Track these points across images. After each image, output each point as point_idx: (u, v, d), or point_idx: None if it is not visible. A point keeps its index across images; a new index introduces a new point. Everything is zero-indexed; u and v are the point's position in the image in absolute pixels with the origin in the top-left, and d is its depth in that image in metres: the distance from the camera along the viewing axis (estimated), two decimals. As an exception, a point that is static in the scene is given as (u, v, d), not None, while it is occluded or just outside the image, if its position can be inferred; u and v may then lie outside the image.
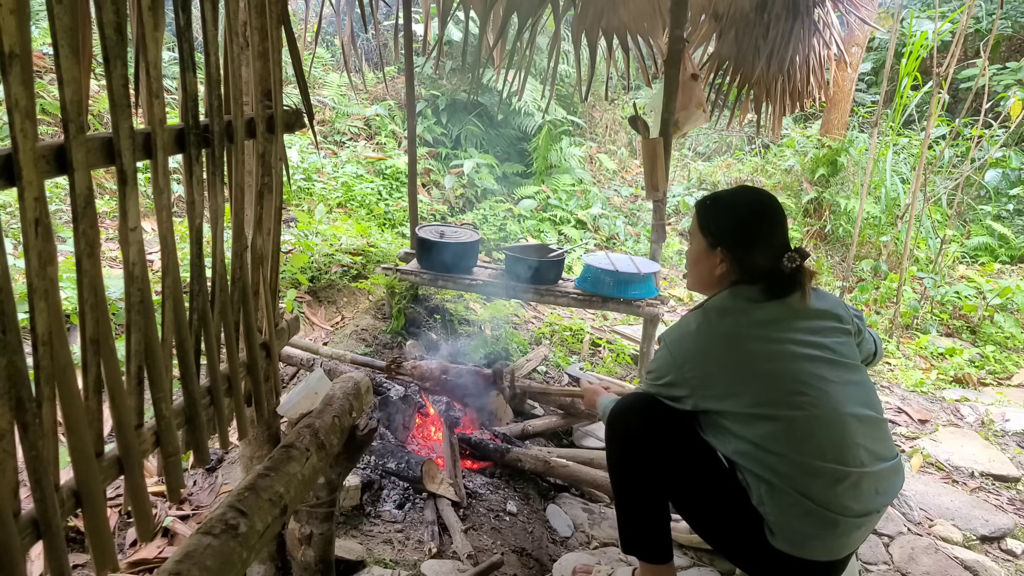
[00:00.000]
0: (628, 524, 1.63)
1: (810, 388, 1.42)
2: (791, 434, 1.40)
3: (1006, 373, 4.27)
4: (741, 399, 1.44)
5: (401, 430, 2.46)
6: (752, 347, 1.46)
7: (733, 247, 1.54)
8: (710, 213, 1.59)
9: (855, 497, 1.40)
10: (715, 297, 1.56)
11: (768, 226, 1.54)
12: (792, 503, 1.39)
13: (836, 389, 1.43)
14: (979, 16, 7.95)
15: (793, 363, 1.44)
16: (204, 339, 1.25)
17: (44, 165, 0.86)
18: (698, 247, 1.61)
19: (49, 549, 0.93)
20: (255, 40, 1.29)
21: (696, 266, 1.63)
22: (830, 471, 1.38)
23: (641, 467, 1.57)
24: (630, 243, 6.32)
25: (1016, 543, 2.40)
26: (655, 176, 3.03)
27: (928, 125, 4.64)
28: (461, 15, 3.36)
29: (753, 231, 1.54)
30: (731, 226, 1.55)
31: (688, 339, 1.53)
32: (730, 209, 1.57)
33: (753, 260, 1.52)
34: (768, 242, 1.52)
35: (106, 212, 3.97)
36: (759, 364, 1.45)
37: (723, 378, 1.47)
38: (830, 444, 1.39)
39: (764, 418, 1.42)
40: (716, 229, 1.57)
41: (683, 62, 3.02)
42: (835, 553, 1.44)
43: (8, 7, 0.76)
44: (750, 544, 1.47)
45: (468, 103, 7.00)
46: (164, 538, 1.96)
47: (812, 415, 1.40)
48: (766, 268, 1.51)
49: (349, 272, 4.01)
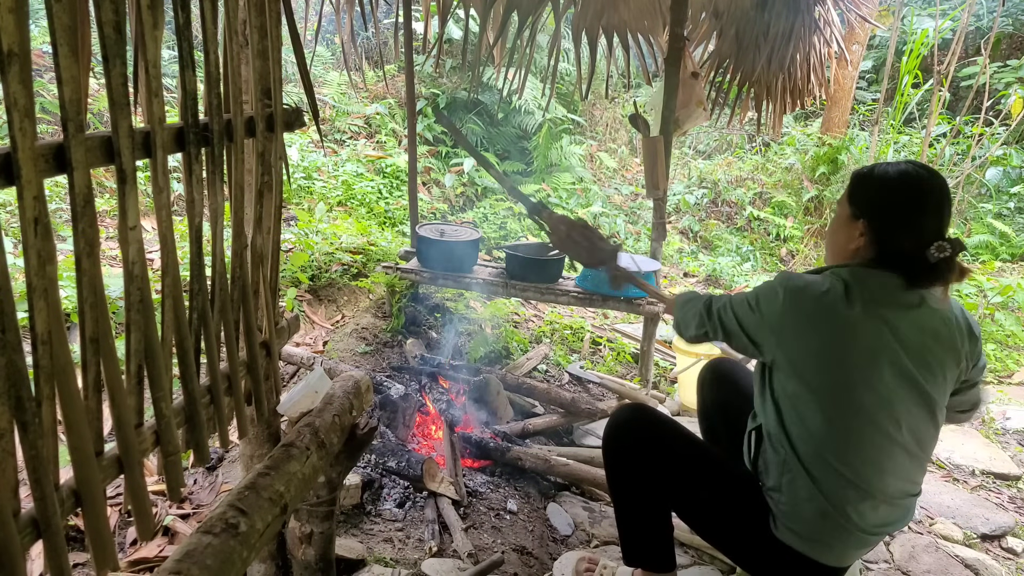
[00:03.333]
0: (630, 536, 1.62)
1: (884, 408, 1.35)
2: (843, 442, 1.35)
3: (1007, 371, 4.26)
4: (819, 381, 1.37)
5: (401, 429, 2.46)
6: (860, 342, 1.35)
7: (875, 220, 1.40)
8: (863, 181, 1.45)
9: (873, 518, 1.39)
10: (851, 269, 1.42)
11: (921, 206, 1.37)
12: (809, 498, 1.38)
13: (905, 417, 1.36)
14: (980, 14, 7.94)
15: (884, 373, 1.34)
16: (204, 338, 1.25)
17: (43, 164, 0.86)
18: (841, 215, 1.48)
19: (49, 548, 0.93)
20: (255, 38, 1.29)
21: (834, 235, 1.50)
22: (861, 490, 1.36)
23: (638, 477, 1.56)
24: (631, 241, 6.32)
25: (1017, 541, 2.40)
26: (655, 174, 3.03)
27: (929, 123, 4.64)
28: (461, 13, 3.36)
29: (901, 208, 1.38)
30: (878, 198, 1.41)
31: (809, 300, 1.38)
32: (883, 180, 1.41)
33: (896, 241, 1.38)
34: (917, 224, 1.36)
35: (106, 211, 3.96)
36: (857, 361, 1.35)
37: (815, 354, 1.38)
38: (873, 467, 1.36)
39: (827, 413, 1.36)
40: (862, 198, 1.43)
41: (683, 60, 3.02)
42: (840, 560, 1.44)
43: (7, 6, 0.76)
44: (753, 536, 1.46)
45: (468, 101, 6.99)
46: (164, 537, 1.96)
47: (871, 436, 1.35)
48: (909, 254, 1.36)
49: (349, 271, 4.01)
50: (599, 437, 2.78)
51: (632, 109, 3.21)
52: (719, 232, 6.65)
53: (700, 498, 1.53)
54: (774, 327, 1.42)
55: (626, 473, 1.57)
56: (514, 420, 2.80)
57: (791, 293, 1.40)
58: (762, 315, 1.44)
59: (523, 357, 3.41)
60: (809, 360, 1.38)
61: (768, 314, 1.43)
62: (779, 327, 1.41)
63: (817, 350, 1.37)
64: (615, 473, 1.60)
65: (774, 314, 1.42)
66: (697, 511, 1.56)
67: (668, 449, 1.54)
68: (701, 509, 1.55)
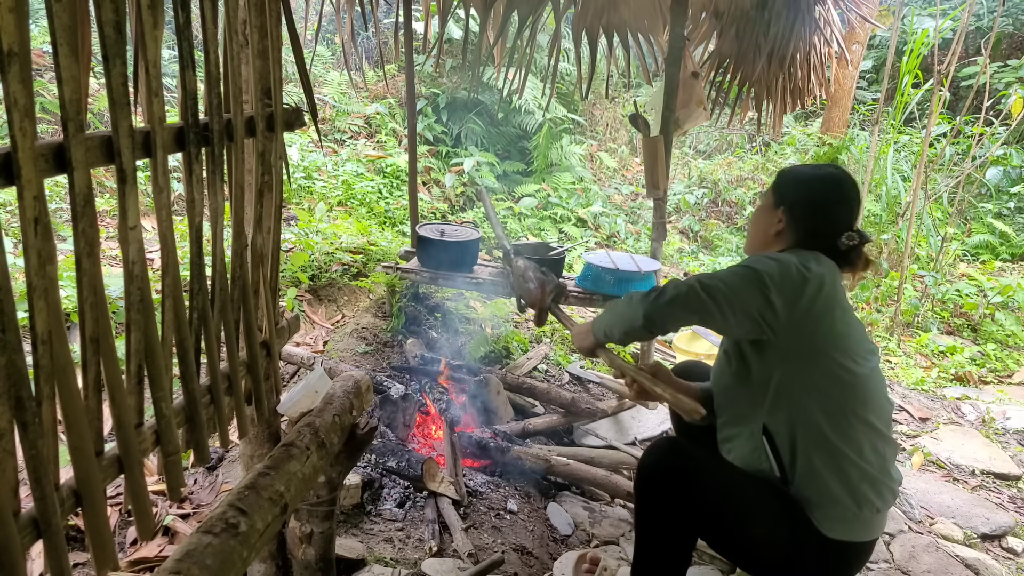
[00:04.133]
0: (648, 565, 1.53)
1: (870, 354, 1.47)
2: (861, 391, 1.43)
3: (1007, 371, 4.26)
4: (834, 343, 1.43)
5: (402, 428, 2.46)
6: (840, 297, 1.47)
7: (795, 207, 1.54)
8: (786, 174, 1.61)
9: (894, 466, 1.48)
10: (797, 252, 1.50)
11: (834, 197, 1.53)
12: (851, 464, 1.41)
13: (878, 363, 1.50)
14: (980, 14, 7.93)
15: (856, 326, 1.48)
16: (204, 338, 1.25)
17: (43, 164, 0.86)
18: (764, 205, 1.62)
19: (49, 548, 0.93)
20: (255, 38, 1.29)
21: (756, 223, 1.64)
22: (885, 436, 1.45)
23: (670, 516, 1.46)
24: (631, 241, 6.32)
25: (1017, 541, 2.40)
26: (656, 174, 3.03)
27: (929, 123, 4.63)
28: (461, 13, 3.36)
29: (817, 196, 1.54)
30: (798, 186, 1.56)
31: (794, 271, 1.41)
32: (804, 173, 1.60)
33: (811, 226, 1.53)
34: (831, 212, 1.52)
35: (106, 211, 3.96)
36: (847, 315, 1.47)
37: (818, 317, 1.42)
38: (884, 412, 1.47)
39: (843, 368, 1.43)
40: (784, 188, 1.58)
41: (684, 60, 3.01)
42: (877, 529, 1.47)
43: (7, 5, 0.76)
44: (803, 547, 1.42)
45: (468, 101, 6.99)
46: (164, 537, 1.97)
47: (874, 377, 1.46)
48: (822, 240, 1.51)
49: (349, 270, 4.01)
50: (599, 437, 2.78)
51: (632, 109, 3.21)
52: (719, 232, 6.65)
53: (741, 531, 1.46)
54: (786, 295, 1.41)
55: (657, 511, 1.47)
56: (514, 420, 2.80)
57: (795, 268, 1.42)
58: (773, 289, 1.40)
59: (523, 357, 3.41)
60: (814, 323, 1.43)
61: (781, 285, 1.41)
62: (786, 294, 1.40)
63: (820, 309, 1.43)
64: (647, 508, 1.50)
65: (785, 284, 1.41)
66: (737, 542, 1.49)
67: (704, 488, 1.45)
68: (741, 539, 1.48)
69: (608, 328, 1.63)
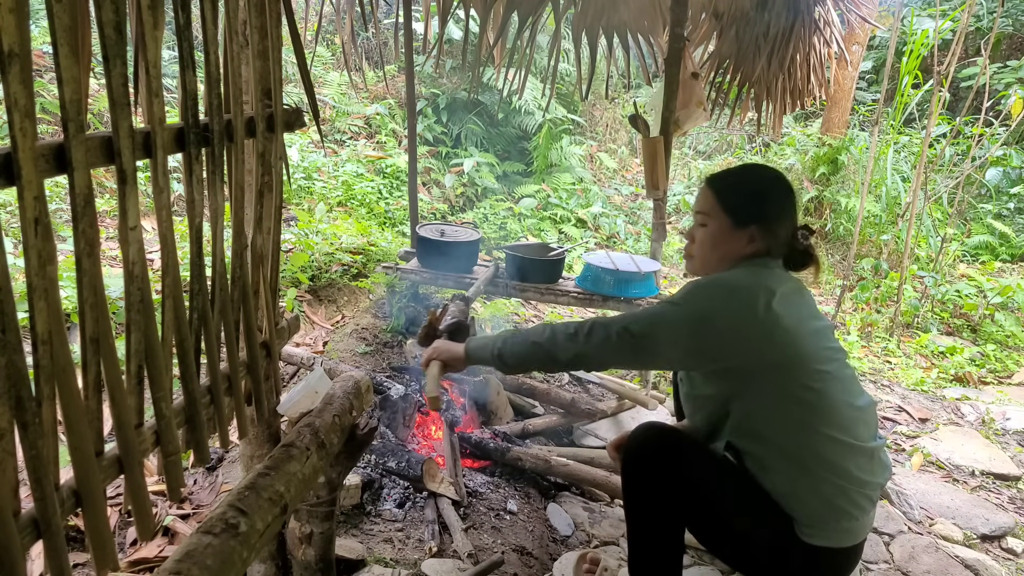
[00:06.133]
0: (641, 554, 1.54)
1: (830, 362, 1.41)
2: (819, 407, 1.38)
3: (1007, 372, 4.26)
4: (785, 365, 1.39)
5: (401, 429, 2.46)
6: (798, 314, 1.41)
7: (764, 223, 1.47)
8: (735, 191, 1.51)
9: (871, 471, 1.41)
10: (747, 269, 1.47)
11: (791, 200, 1.53)
12: (816, 480, 1.37)
13: (840, 368, 1.43)
14: (980, 14, 7.94)
15: (814, 337, 1.41)
16: (204, 338, 1.25)
17: (43, 164, 0.86)
18: (720, 226, 1.50)
19: (49, 548, 0.93)
20: (255, 39, 1.29)
21: (717, 248, 1.51)
22: (855, 446, 1.39)
23: (657, 499, 1.48)
24: (630, 242, 6.32)
25: (1017, 542, 2.40)
26: (655, 175, 3.03)
27: (929, 123, 4.63)
28: (461, 13, 3.36)
29: (783, 205, 1.51)
30: (760, 201, 1.50)
31: (742, 307, 1.38)
32: (755, 184, 1.53)
33: (782, 235, 1.50)
34: (791, 215, 1.51)
35: (106, 211, 3.96)
36: (804, 328, 1.41)
37: (773, 344, 1.38)
38: (849, 420, 1.40)
39: (802, 387, 1.38)
40: (743, 206, 1.49)
41: (683, 60, 3.02)
42: (862, 533, 1.44)
43: (7, 6, 0.76)
44: (783, 550, 1.42)
45: (468, 102, 6.99)
46: (164, 537, 1.97)
47: (833, 389, 1.40)
48: (785, 244, 1.50)
49: (349, 271, 4.01)
50: (599, 437, 2.78)
51: (632, 109, 3.21)
52: (719, 232, 6.64)
53: (725, 521, 1.47)
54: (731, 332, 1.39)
55: (646, 494, 1.49)
56: (514, 420, 2.80)
57: (735, 295, 1.41)
58: (709, 336, 1.40)
59: (523, 357, 3.40)
60: (769, 352, 1.39)
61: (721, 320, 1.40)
62: (736, 329, 1.39)
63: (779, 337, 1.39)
64: (633, 493, 1.52)
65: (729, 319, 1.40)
66: (723, 535, 1.50)
67: (691, 471, 1.46)
68: (728, 532, 1.49)
69: (512, 357, 1.52)
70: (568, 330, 1.47)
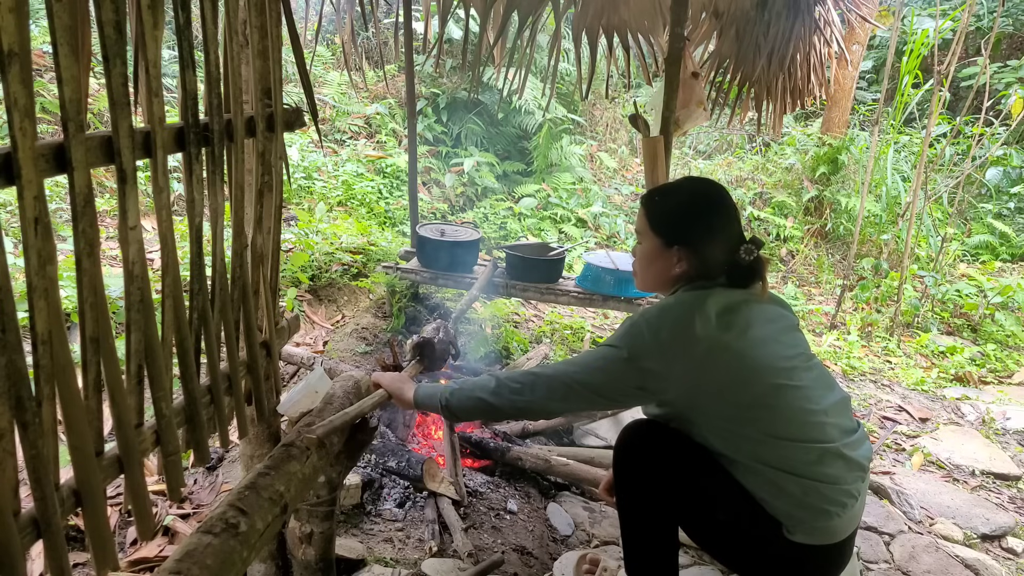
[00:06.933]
0: (635, 550, 1.56)
1: (787, 372, 1.39)
2: (775, 421, 1.37)
3: (1007, 371, 4.26)
4: (730, 397, 1.39)
5: (402, 428, 2.46)
6: (744, 328, 1.40)
7: (691, 243, 1.46)
8: (661, 209, 1.51)
9: (845, 466, 1.39)
10: (680, 295, 1.48)
11: (724, 218, 1.48)
12: (782, 483, 1.37)
13: (804, 376, 1.42)
14: (980, 14, 7.94)
15: (764, 350, 1.40)
16: (204, 338, 1.25)
17: (43, 164, 0.86)
18: (651, 246, 1.51)
19: (49, 548, 0.93)
20: (255, 38, 1.29)
21: (650, 267, 1.53)
22: (820, 448, 1.37)
23: (648, 493, 1.50)
24: (631, 241, 6.32)
25: (1017, 541, 2.40)
26: (656, 174, 3.03)
27: (929, 123, 4.63)
28: (461, 13, 3.36)
29: (711, 224, 1.47)
30: (687, 221, 1.48)
31: (675, 341, 1.39)
32: (682, 203, 1.50)
33: (713, 254, 1.46)
34: (725, 234, 1.47)
35: (106, 211, 3.96)
36: (751, 341, 1.39)
37: (715, 375, 1.39)
38: (809, 427, 1.38)
39: (754, 406, 1.37)
40: (670, 225, 1.49)
41: (684, 60, 3.01)
42: (846, 530, 1.43)
43: (7, 6, 0.76)
44: (770, 548, 1.42)
45: (468, 101, 6.99)
46: (164, 537, 1.97)
47: (790, 400, 1.38)
48: (724, 262, 1.46)
49: (349, 271, 4.01)
50: (599, 437, 2.78)
51: (632, 109, 3.21)
52: (719, 232, 6.64)
53: (714, 516, 1.47)
54: (668, 368, 1.39)
55: (636, 488, 1.51)
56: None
57: (664, 332, 1.40)
58: (654, 366, 1.40)
59: (523, 357, 3.40)
60: (712, 382, 1.39)
61: (656, 360, 1.40)
62: (667, 368, 1.39)
63: (719, 368, 1.38)
64: (625, 487, 1.54)
65: (659, 356, 1.40)
66: (711, 529, 1.51)
67: (680, 468, 1.47)
68: (715, 527, 1.49)
69: (459, 410, 1.54)
70: (513, 384, 1.48)
